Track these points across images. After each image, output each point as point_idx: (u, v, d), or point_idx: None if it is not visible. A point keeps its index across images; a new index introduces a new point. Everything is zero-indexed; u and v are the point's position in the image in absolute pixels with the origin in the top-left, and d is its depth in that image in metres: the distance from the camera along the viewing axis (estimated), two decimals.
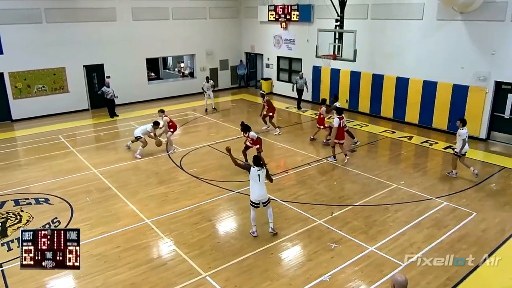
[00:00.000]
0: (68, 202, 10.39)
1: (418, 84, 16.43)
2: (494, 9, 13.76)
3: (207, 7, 23.53)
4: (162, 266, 7.74)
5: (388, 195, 10.62)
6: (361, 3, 17.78)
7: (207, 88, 19.62)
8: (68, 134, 16.56)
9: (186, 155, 13.71)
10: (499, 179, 11.70)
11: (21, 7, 17.72)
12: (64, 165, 13.03)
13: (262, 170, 8.42)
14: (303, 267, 7.65)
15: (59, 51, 19.04)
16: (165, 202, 10.32)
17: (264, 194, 8.56)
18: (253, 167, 8.44)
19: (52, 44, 18.75)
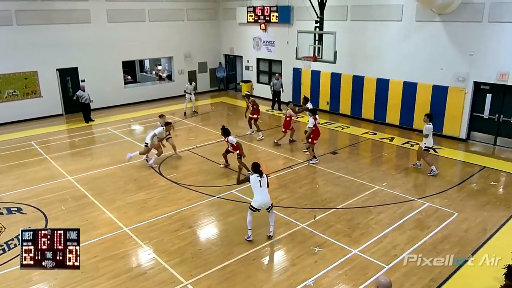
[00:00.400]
0: (42, 211, 10.17)
1: (399, 85, 16.69)
2: (472, 10, 14.09)
3: (185, 8, 23.44)
4: (142, 276, 7.63)
5: (371, 197, 10.73)
6: (341, 4, 17.99)
7: (190, 91, 19.66)
8: (41, 140, 16.22)
9: (165, 160, 13.59)
10: (480, 179, 11.96)
11: None
12: (38, 173, 12.76)
13: (263, 176, 8.50)
14: (287, 272, 7.65)
15: (31, 55, 18.67)
16: (144, 209, 10.20)
17: (267, 200, 8.57)
18: (251, 174, 8.52)
19: (23, 47, 18.36)
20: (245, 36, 23.77)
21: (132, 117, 19.72)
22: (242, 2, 22.91)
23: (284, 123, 14.75)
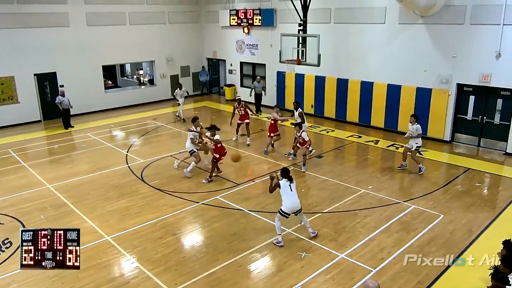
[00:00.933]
0: (20, 221, 9.97)
1: (383, 87, 16.89)
2: (454, 13, 14.37)
3: (166, 11, 23.37)
4: (125, 285, 7.54)
5: (357, 200, 10.81)
6: (324, 7, 18.15)
7: (180, 96, 19.63)
8: (18, 147, 15.94)
9: (148, 167, 13.48)
10: (464, 181, 12.15)
11: None
12: (15, 181, 12.53)
13: (293, 181, 8.60)
14: (274, 278, 7.64)
15: (7, 59, 18.37)
16: (126, 217, 10.09)
17: (297, 203, 8.64)
18: (281, 180, 8.58)
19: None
20: (228, 40, 23.80)
21: (113, 123, 19.53)
22: (225, 5, 22.95)
23: (270, 127, 14.75)
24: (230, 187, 11.78)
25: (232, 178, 12.41)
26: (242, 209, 10.38)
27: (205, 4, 24.63)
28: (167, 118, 20.39)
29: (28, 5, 18.57)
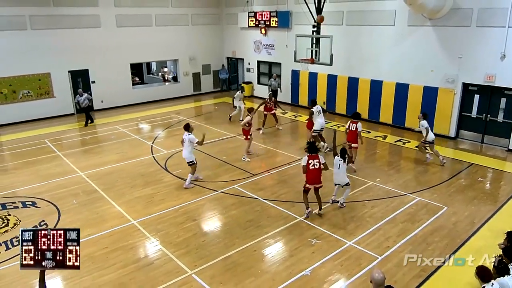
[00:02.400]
0: (55, 205, 10.19)
1: (391, 86, 16.67)
2: (461, 15, 14.07)
3: (189, 14, 23.40)
4: (149, 266, 7.65)
5: (365, 192, 10.73)
6: (337, 10, 17.95)
7: (240, 98, 18.15)
8: (54, 138, 16.24)
9: (171, 157, 13.59)
10: (468, 175, 11.95)
11: (5, 14, 17.32)
12: (51, 169, 12.77)
13: (344, 162, 9.45)
14: (285, 263, 7.66)
15: (44, 57, 18.66)
16: (151, 203, 10.21)
17: (342, 179, 9.60)
18: (337, 155, 9.55)
19: (37, 50, 18.37)
20: (246, 40, 23.74)
21: (140, 116, 19.71)
22: (244, 8, 22.88)
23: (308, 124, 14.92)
24: (247, 177, 11.81)
25: (248, 169, 12.44)
26: (258, 198, 10.41)
27: (226, 6, 24.58)
28: (189, 112, 20.51)
29: (63, 8, 18.79)
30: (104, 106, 20.93)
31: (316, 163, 9.01)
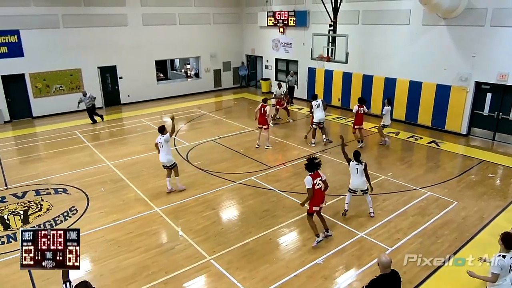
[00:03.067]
0: (84, 192, 10.42)
1: (405, 84, 16.40)
2: (475, 15, 13.71)
3: (211, 13, 23.43)
4: (171, 250, 7.78)
5: (377, 185, 10.61)
6: (353, 9, 17.71)
7: (279, 95, 17.15)
8: (84, 130, 16.56)
9: (192, 149, 13.71)
10: (478, 171, 11.71)
11: (40, 13, 17.67)
12: (81, 158, 13.05)
13: (361, 164, 8.56)
14: (299, 251, 7.68)
15: (76, 54, 18.99)
16: (173, 192, 10.34)
17: (361, 184, 8.66)
18: (352, 161, 8.65)
19: (69, 47, 18.70)
20: (265, 38, 23.65)
21: (163, 110, 19.91)
22: (263, 7, 22.77)
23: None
24: (264, 169, 11.84)
25: (265, 161, 12.46)
26: (274, 189, 10.43)
27: (246, 6, 24.50)
28: (210, 107, 20.61)
29: (93, 7, 19.05)
30: (130, 100, 21.21)
31: (319, 182, 7.62)
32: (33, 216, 9.10)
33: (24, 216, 9.16)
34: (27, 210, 9.41)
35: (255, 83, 26.19)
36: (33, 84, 18.23)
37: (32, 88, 18.23)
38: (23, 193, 10.40)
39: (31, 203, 9.79)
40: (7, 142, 15.07)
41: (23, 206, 9.65)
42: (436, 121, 15.60)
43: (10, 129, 17.06)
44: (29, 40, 17.57)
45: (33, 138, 15.71)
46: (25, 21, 17.35)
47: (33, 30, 17.61)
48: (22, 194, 10.34)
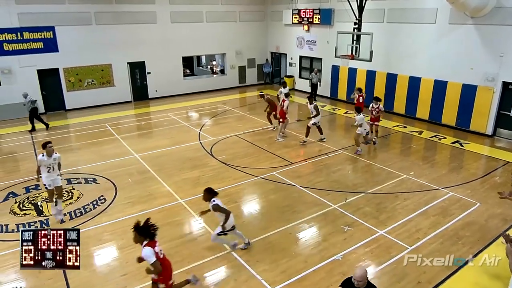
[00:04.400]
0: (112, 182, 10.67)
1: (429, 83, 16.00)
2: (504, 14, 13.21)
3: (237, 11, 23.46)
4: (193, 241, 7.89)
5: (398, 184, 10.45)
6: (378, 7, 17.37)
7: None
8: (113, 123, 16.92)
9: (216, 144, 13.82)
10: (503, 173, 11.33)
11: (74, 10, 18.13)
12: (110, 150, 13.35)
13: None
14: (318, 247, 7.65)
15: (106, 50, 19.41)
16: (197, 185, 10.45)
17: None
18: None
19: (100, 43, 19.13)
20: (289, 36, 23.50)
21: (189, 105, 20.12)
22: (288, 6, 22.62)
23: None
24: (285, 165, 11.82)
25: (287, 157, 12.43)
26: (295, 184, 10.40)
27: (271, 4, 24.40)
28: (234, 103, 20.68)
29: (124, 5, 19.38)
30: (158, 95, 21.54)
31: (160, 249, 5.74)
32: (64, 204, 9.38)
33: (56, 203, 9.45)
34: None
35: (279, 80, 26.09)
36: (67, 78, 18.75)
37: (66, 82, 18.76)
38: None
39: (63, 191, 10.08)
40: (40, 133, 15.56)
41: (55, 194, 9.95)
42: (460, 121, 15.17)
43: None
44: (64, 36, 18.07)
45: (66, 129, 16.18)
46: (60, 18, 17.85)
47: (67, 27, 18.09)
48: None
